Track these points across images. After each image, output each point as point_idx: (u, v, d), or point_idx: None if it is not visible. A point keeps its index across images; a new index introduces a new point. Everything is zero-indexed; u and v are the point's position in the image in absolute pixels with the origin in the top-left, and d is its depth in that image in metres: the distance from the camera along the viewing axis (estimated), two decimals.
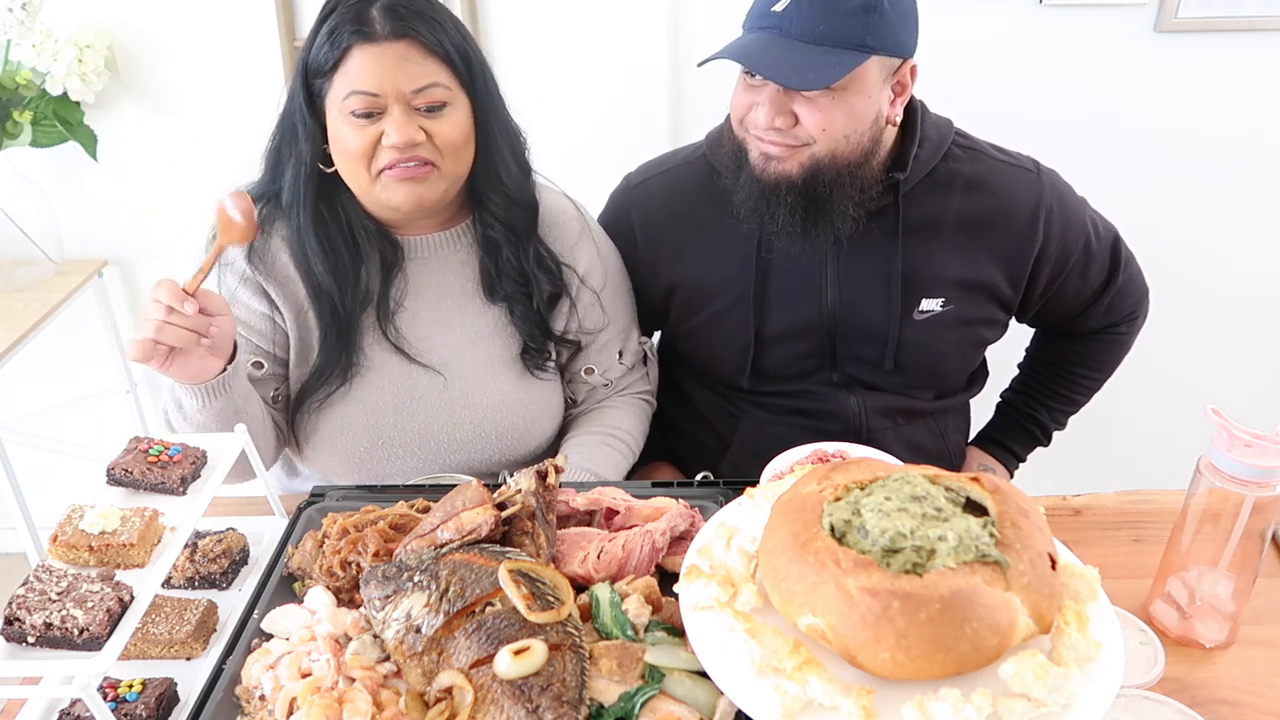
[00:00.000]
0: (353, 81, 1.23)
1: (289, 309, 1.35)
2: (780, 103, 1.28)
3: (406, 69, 1.23)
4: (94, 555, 0.94)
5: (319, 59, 1.26)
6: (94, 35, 2.01)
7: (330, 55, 1.24)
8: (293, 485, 1.52)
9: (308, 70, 1.27)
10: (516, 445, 1.44)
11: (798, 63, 1.24)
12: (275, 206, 1.34)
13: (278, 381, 1.39)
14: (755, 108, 1.31)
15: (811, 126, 1.29)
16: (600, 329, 1.49)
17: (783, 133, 1.30)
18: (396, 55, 1.23)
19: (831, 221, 1.36)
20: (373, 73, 1.23)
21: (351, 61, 1.23)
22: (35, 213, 2.12)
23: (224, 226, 1.20)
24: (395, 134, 1.23)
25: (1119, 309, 1.58)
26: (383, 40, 1.23)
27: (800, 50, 1.24)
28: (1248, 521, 1.02)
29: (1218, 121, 2.16)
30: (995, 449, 1.73)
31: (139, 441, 1.09)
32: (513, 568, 0.93)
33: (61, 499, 1.03)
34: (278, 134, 1.34)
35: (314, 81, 1.27)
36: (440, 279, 1.40)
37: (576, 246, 1.45)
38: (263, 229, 1.34)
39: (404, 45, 1.23)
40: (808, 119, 1.29)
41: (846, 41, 1.24)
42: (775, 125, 1.29)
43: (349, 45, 1.23)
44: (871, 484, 0.89)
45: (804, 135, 1.30)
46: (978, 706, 0.77)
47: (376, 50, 1.23)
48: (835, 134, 1.30)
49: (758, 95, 1.31)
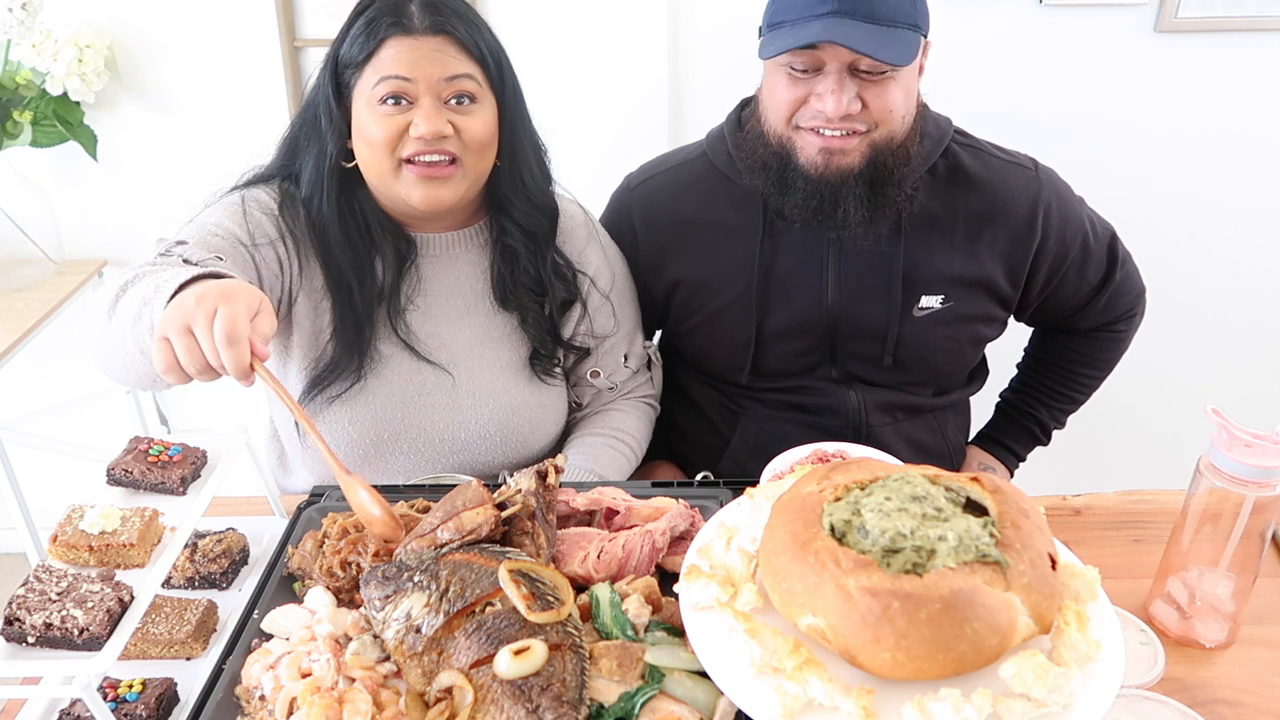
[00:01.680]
0: (385, 68, 1.24)
1: (310, 284, 1.33)
2: (850, 88, 1.26)
3: (440, 59, 1.24)
4: (94, 555, 0.94)
5: (352, 51, 1.26)
6: (94, 35, 2.01)
7: (366, 46, 1.25)
8: (287, 484, 1.51)
9: (338, 62, 1.28)
10: (520, 448, 1.44)
11: (881, 40, 1.23)
12: (295, 187, 1.34)
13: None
14: (816, 98, 1.28)
15: (878, 110, 1.28)
16: (610, 334, 1.49)
17: (850, 119, 1.28)
18: (432, 47, 1.24)
19: (895, 203, 1.36)
20: (407, 60, 1.23)
21: (386, 51, 1.24)
22: (35, 213, 2.12)
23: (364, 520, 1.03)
24: (424, 124, 1.23)
25: (1116, 307, 1.58)
26: (419, 34, 1.24)
27: (869, 29, 1.23)
28: (1248, 521, 1.02)
29: (1217, 121, 2.16)
30: (995, 448, 1.73)
31: (139, 441, 1.09)
32: (513, 568, 0.93)
33: (61, 499, 1.02)
34: (298, 123, 1.34)
35: (344, 73, 1.28)
36: (452, 278, 1.40)
37: (585, 251, 1.46)
38: (289, 198, 1.31)
39: (440, 40, 1.25)
40: (875, 102, 1.28)
41: (902, 21, 1.25)
42: (848, 111, 1.27)
43: (385, 37, 1.24)
44: (871, 484, 0.89)
45: (869, 120, 1.29)
46: (978, 706, 0.76)
47: (412, 42, 1.24)
48: (897, 115, 1.30)
49: (814, 86, 1.28)
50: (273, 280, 1.31)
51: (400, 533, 1.01)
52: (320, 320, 1.35)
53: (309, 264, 1.33)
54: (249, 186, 1.35)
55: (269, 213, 1.31)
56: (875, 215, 1.36)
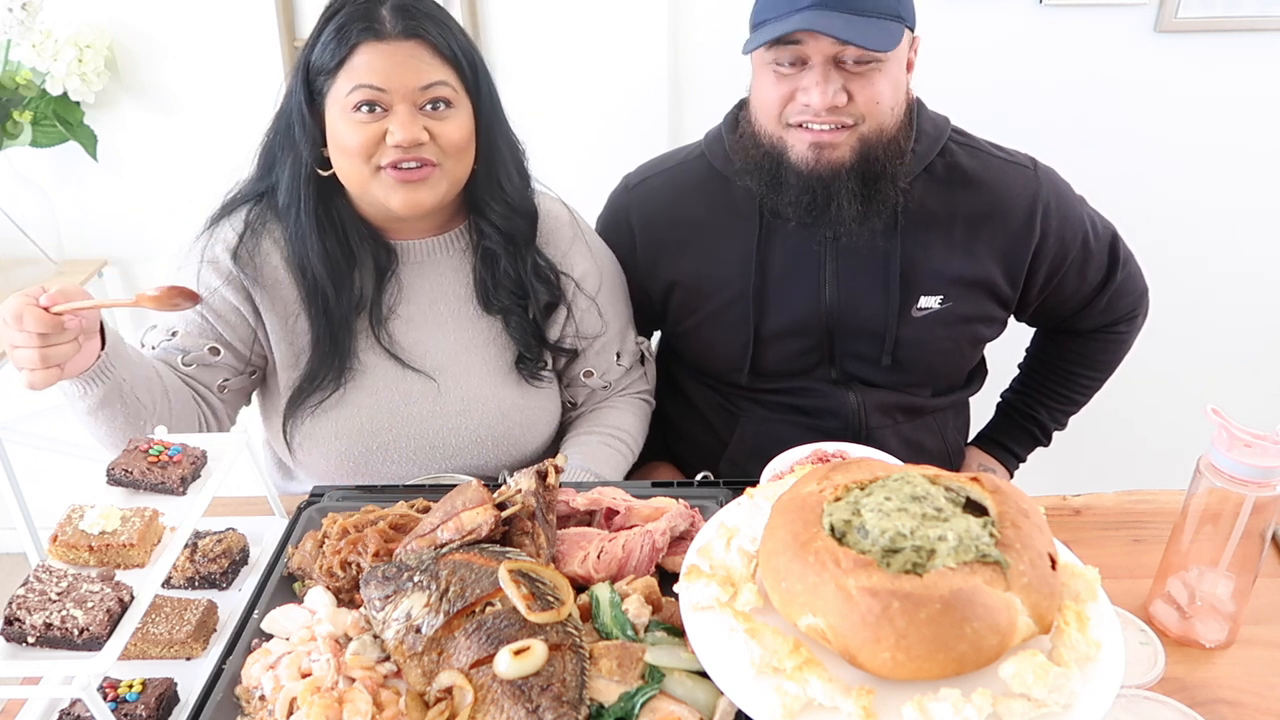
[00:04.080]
0: (358, 76, 1.23)
1: (275, 313, 1.34)
2: (834, 80, 1.27)
3: (414, 66, 1.23)
4: (94, 555, 0.94)
5: (323, 57, 1.25)
6: (94, 35, 2.01)
7: (337, 53, 1.23)
8: (288, 488, 1.52)
9: (310, 69, 1.27)
10: (512, 450, 1.44)
11: (861, 28, 1.24)
12: (267, 206, 1.34)
13: (230, 373, 1.36)
14: (803, 93, 1.29)
15: (864, 102, 1.29)
16: (599, 334, 1.48)
17: (837, 111, 1.29)
18: (405, 54, 1.23)
19: (889, 198, 1.36)
20: (380, 68, 1.22)
21: (358, 58, 1.23)
22: (35, 213, 2.12)
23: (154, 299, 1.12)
24: (400, 132, 1.22)
25: (1118, 307, 1.58)
26: (392, 39, 1.23)
27: (850, 19, 1.24)
28: (1248, 521, 1.02)
29: (1217, 121, 2.16)
30: (995, 449, 1.73)
31: (139, 441, 1.09)
32: (513, 568, 0.93)
33: (61, 499, 1.02)
34: (272, 133, 1.33)
35: (315, 80, 1.27)
36: (434, 284, 1.39)
37: (570, 252, 1.45)
38: (251, 230, 1.33)
39: (413, 45, 1.23)
40: (860, 93, 1.28)
41: (884, 12, 1.26)
42: (834, 103, 1.28)
43: (357, 43, 1.22)
44: (871, 484, 0.89)
45: (855, 113, 1.30)
46: (978, 706, 0.76)
47: (385, 48, 1.23)
48: (884, 107, 1.30)
49: (799, 81, 1.29)
50: (235, 333, 1.34)
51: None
52: (299, 341, 1.35)
53: (269, 296, 1.33)
54: (215, 225, 1.35)
55: (219, 266, 1.32)
56: (869, 210, 1.36)
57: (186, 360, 1.33)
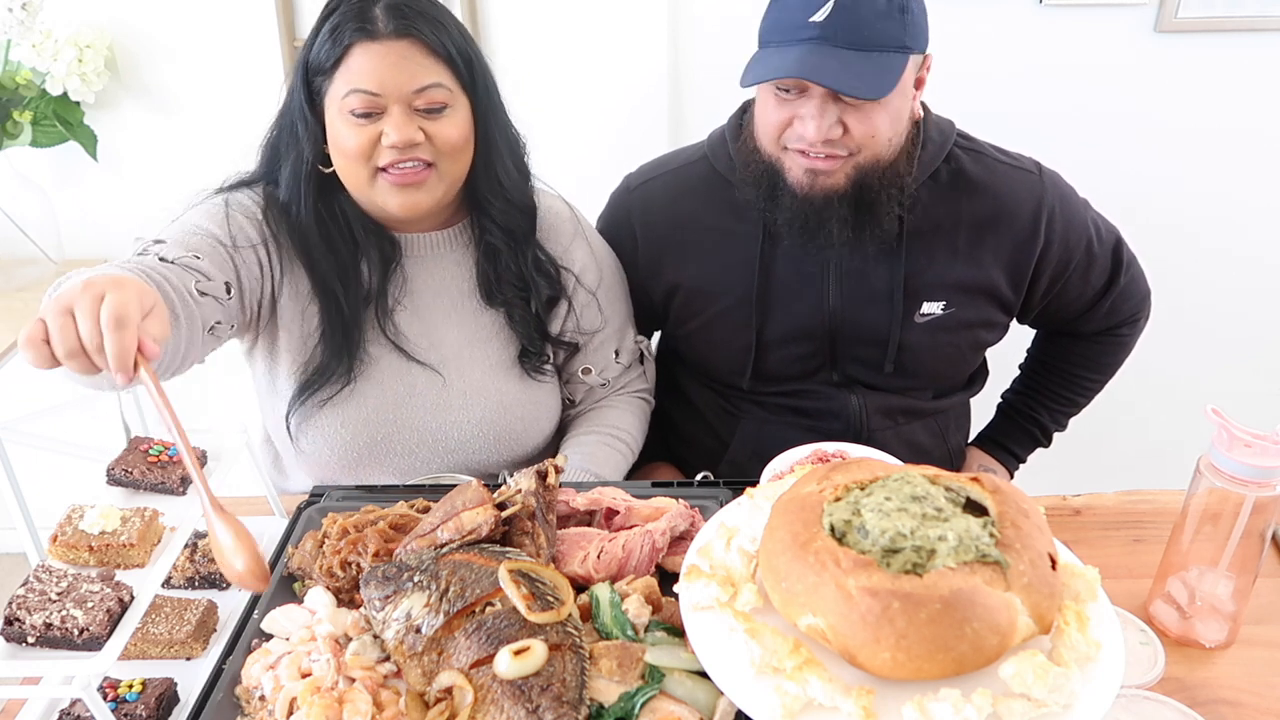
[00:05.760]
0: (353, 80, 1.23)
1: (291, 289, 1.32)
2: (830, 113, 1.26)
3: (408, 68, 1.23)
4: (94, 555, 0.94)
5: (320, 57, 1.25)
6: (94, 35, 2.01)
7: (332, 53, 1.24)
8: (284, 486, 1.51)
9: (308, 68, 1.27)
10: (514, 446, 1.44)
11: (856, 71, 1.22)
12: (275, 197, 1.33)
13: (225, 318, 1.24)
14: (799, 121, 1.29)
15: (860, 135, 1.28)
16: (598, 329, 1.49)
17: (833, 143, 1.28)
18: (399, 54, 1.23)
19: (880, 223, 1.36)
20: (374, 71, 1.22)
21: (353, 59, 1.23)
22: (35, 213, 2.12)
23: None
24: (394, 134, 1.23)
25: (1120, 311, 1.58)
26: (385, 39, 1.23)
27: (849, 58, 1.23)
28: (1248, 521, 1.02)
29: (1218, 121, 2.16)
30: (996, 450, 1.73)
31: (139, 441, 1.09)
32: (513, 568, 0.93)
33: (61, 499, 1.02)
34: (276, 129, 1.33)
35: (314, 79, 1.27)
36: (438, 278, 1.40)
37: (571, 247, 1.45)
38: (271, 203, 1.31)
39: (406, 44, 1.23)
40: (857, 127, 1.27)
41: (888, 44, 1.24)
42: (829, 136, 1.27)
43: (351, 43, 1.22)
44: (871, 484, 0.89)
45: (852, 144, 1.29)
46: (978, 706, 0.76)
47: (379, 49, 1.22)
48: (881, 139, 1.29)
49: (798, 109, 1.28)
50: (252, 284, 1.30)
51: (265, 585, 0.87)
52: (308, 325, 1.34)
53: (293, 268, 1.33)
54: (234, 189, 1.34)
55: (252, 217, 1.31)
56: (860, 237, 1.36)
57: (201, 288, 1.19)
